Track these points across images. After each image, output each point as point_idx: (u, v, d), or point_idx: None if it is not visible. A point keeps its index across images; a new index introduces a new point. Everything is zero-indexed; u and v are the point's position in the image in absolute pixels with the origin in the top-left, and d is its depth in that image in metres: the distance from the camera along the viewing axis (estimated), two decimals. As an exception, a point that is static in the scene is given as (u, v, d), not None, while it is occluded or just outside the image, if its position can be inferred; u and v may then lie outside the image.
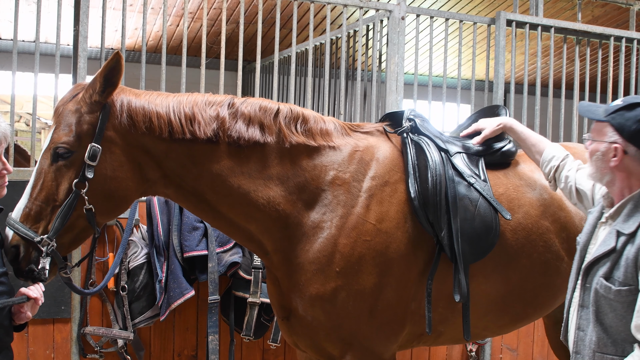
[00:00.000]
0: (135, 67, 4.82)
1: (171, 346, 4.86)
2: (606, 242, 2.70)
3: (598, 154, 2.77)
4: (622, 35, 6.50)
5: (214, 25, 9.07)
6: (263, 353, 5.09)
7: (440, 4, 9.17)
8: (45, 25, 5.45)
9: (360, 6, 5.63)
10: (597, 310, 2.68)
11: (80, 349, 4.58)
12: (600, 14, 9.32)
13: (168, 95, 3.19)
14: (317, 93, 7.62)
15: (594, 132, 2.82)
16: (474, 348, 5.63)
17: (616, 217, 2.75)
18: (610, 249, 2.67)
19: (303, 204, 3.24)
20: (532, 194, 3.71)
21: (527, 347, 5.92)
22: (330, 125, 3.39)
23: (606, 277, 2.65)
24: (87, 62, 4.80)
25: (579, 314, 2.82)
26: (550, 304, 3.88)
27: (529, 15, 6.21)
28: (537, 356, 5.93)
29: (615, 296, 2.61)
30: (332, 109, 7.12)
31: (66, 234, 3.01)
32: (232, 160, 3.16)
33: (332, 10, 5.61)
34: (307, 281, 3.21)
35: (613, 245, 2.66)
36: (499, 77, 6.01)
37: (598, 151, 2.77)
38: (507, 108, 4.04)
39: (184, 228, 4.51)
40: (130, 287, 4.50)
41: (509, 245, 3.53)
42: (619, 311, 2.61)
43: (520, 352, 5.90)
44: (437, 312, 3.42)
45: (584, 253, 2.87)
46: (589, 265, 2.76)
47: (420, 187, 3.34)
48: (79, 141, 2.99)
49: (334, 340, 3.29)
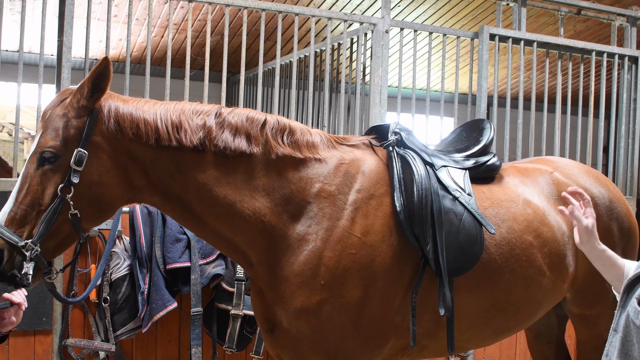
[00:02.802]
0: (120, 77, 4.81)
1: (153, 358, 4.83)
2: None
3: None
4: (604, 50, 6.56)
5: (198, 37, 9.07)
6: (246, 365, 5.07)
7: (424, 17, 9.22)
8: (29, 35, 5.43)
9: (344, 19, 5.65)
10: (624, 337, 2.27)
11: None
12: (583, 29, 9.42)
13: (155, 103, 3.18)
14: (301, 105, 7.62)
15: None
16: (456, 361, 5.63)
17: None
18: None
19: (289, 216, 3.23)
20: (515, 208, 3.72)
21: (509, 360, 5.94)
22: (316, 138, 3.39)
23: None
24: (71, 72, 4.78)
25: (610, 339, 2.39)
26: (531, 318, 3.90)
27: (511, 30, 6.26)
28: (519, 369, 5.95)
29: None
30: (316, 121, 7.13)
31: (51, 238, 2.97)
32: (218, 170, 3.15)
33: (317, 23, 5.64)
34: (291, 294, 3.20)
35: None
36: (482, 90, 6.04)
37: None
38: (491, 122, 4.07)
39: (167, 240, 4.50)
40: (113, 298, 4.47)
41: (493, 259, 3.54)
42: None
43: (502, 365, 5.91)
44: (422, 325, 3.42)
45: None
46: (629, 284, 2.36)
47: (405, 200, 3.34)
48: (65, 146, 2.97)
49: (319, 353, 3.28)
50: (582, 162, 5.19)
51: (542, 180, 3.99)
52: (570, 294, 4.03)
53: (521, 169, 4.08)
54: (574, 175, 4.11)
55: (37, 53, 4.92)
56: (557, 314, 4.48)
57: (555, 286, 3.81)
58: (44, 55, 4.77)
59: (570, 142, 6.77)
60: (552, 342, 4.59)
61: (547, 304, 3.92)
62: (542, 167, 4.14)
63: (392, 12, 7.41)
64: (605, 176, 4.37)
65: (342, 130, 5.82)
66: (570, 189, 2.97)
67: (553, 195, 3.95)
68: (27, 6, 4.83)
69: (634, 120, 6.68)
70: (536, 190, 3.91)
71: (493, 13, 8.69)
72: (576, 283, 3.98)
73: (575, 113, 6.68)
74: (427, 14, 9.16)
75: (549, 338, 4.60)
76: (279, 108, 7.76)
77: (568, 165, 4.25)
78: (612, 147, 6.84)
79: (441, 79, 6.00)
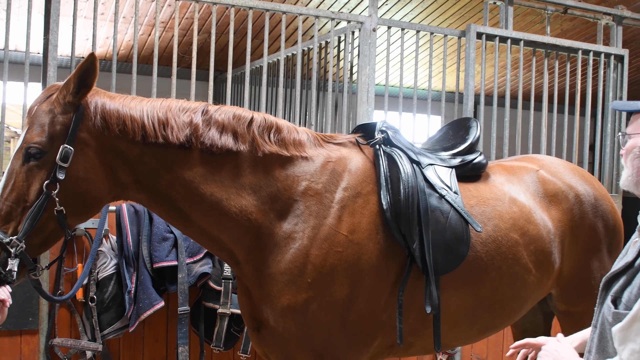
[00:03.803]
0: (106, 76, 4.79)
1: (140, 357, 4.82)
2: (627, 257, 2.29)
3: (636, 150, 2.33)
4: (590, 49, 6.58)
5: (185, 35, 9.05)
6: (233, 364, 5.07)
7: (412, 16, 9.24)
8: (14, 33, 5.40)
9: (332, 18, 5.65)
10: (600, 334, 2.27)
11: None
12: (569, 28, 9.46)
13: (142, 100, 3.17)
14: (288, 104, 7.62)
15: (632, 126, 2.38)
16: (444, 358, 5.64)
17: None
18: (627, 264, 2.25)
19: (275, 214, 3.23)
20: (501, 206, 3.74)
21: (496, 357, 5.96)
22: (303, 136, 3.39)
23: (615, 296, 2.22)
24: (57, 70, 4.75)
25: (591, 336, 2.37)
26: (517, 315, 3.92)
27: (498, 29, 6.27)
28: (506, 366, 5.97)
29: (614, 320, 2.17)
30: (303, 120, 7.13)
31: (36, 235, 2.96)
32: (204, 167, 3.14)
33: (304, 21, 5.64)
34: (278, 292, 3.20)
35: (630, 259, 2.24)
36: (469, 88, 6.05)
37: (637, 147, 2.33)
38: (477, 120, 4.08)
39: (154, 238, 4.48)
40: (99, 298, 4.46)
41: (479, 257, 3.55)
42: None
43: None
44: (408, 323, 3.43)
45: None
46: (606, 281, 2.33)
47: (392, 198, 3.35)
48: (51, 142, 2.95)
49: (305, 351, 3.28)
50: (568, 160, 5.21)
51: (528, 178, 4.00)
52: (556, 291, 4.05)
53: (507, 167, 4.10)
54: (559, 173, 4.13)
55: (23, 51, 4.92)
56: (543, 311, 4.50)
57: (540, 283, 3.83)
58: (29, 53, 4.74)
59: (557, 140, 6.81)
60: (538, 339, 4.61)
61: (532, 301, 3.94)
62: (528, 165, 4.15)
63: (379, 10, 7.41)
64: (590, 174, 4.39)
65: (330, 128, 5.83)
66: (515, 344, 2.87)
67: (539, 193, 3.97)
68: (12, 4, 4.80)
69: (619, 119, 6.72)
70: (522, 188, 3.93)
71: (480, 12, 8.71)
72: (562, 280, 4.00)
73: (562, 111, 6.71)
74: (415, 13, 9.18)
75: (535, 335, 4.60)
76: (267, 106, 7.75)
77: (554, 163, 4.27)
78: (598, 145, 6.87)
79: (428, 78, 6.01)
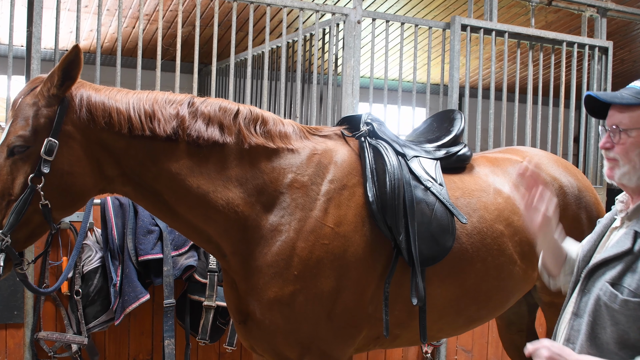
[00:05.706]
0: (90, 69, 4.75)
1: (126, 351, 4.81)
2: (620, 244, 2.32)
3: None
4: (574, 41, 6.61)
5: (170, 28, 9.02)
6: (219, 357, 5.07)
7: (396, 8, 9.24)
8: (-3, 25, 5.36)
9: (316, 10, 5.64)
10: (593, 321, 2.31)
11: (33, 354, 4.50)
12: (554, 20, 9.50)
13: (128, 92, 3.15)
14: (273, 96, 7.62)
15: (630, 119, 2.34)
16: (429, 350, 5.67)
17: (634, 217, 2.37)
18: (624, 251, 2.28)
19: (262, 207, 3.23)
20: (486, 198, 3.75)
21: (481, 348, 5.99)
22: (289, 128, 3.39)
23: (613, 282, 2.26)
24: (40, 63, 4.72)
25: (570, 324, 2.44)
26: (502, 306, 3.93)
27: (483, 20, 6.28)
28: (491, 357, 6.01)
29: (621, 307, 2.20)
30: (288, 112, 7.13)
31: (21, 229, 2.95)
32: (191, 159, 3.13)
33: (289, 13, 5.63)
34: (265, 285, 3.21)
35: (629, 246, 2.27)
36: (453, 81, 6.06)
37: None
38: (462, 112, 4.09)
39: (139, 231, 4.47)
40: (85, 291, 4.44)
41: (464, 249, 3.56)
42: (622, 326, 2.21)
43: (475, 353, 5.97)
44: (394, 315, 3.43)
45: (587, 261, 2.51)
46: (593, 268, 2.38)
47: (378, 190, 3.35)
48: (35, 135, 2.93)
49: (292, 343, 3.29)
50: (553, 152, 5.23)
51: (512, 170, 4.02)
52: (540, 282, 4.07)
53: (492, 159, 4.11)
54: (543, 164, 4.15)
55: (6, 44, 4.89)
56: (528, 303, 4.52)
57: (526, 275, 3.85)
58: (13, 46, 4.71)
59: (542, 132, 6.83)
60: (522, 330, 4.64)
61: (518, 292, 3.95)
62: (513, 157, 4.17)
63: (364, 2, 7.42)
64: (574, 166, 4.42)
65: (315, 121, 5.82)
66: (523, 168, 2.79)
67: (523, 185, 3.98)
68: (-5, -4, 4.77)
69: (603, 111, 6.74)
70: (507, 179, 3.94)
71: (465, 4, 8.73)
72: (546, 271, 4.02)
73: (547, 103, 6.74)
74: (399, 5, 9.19)
75: (520, 326, 4.65)
76: (251, 99, 7.74)
77: (537, 155, 4.29)
78: (582, 137, 6.91)
79: (413, 70, 6.02)
